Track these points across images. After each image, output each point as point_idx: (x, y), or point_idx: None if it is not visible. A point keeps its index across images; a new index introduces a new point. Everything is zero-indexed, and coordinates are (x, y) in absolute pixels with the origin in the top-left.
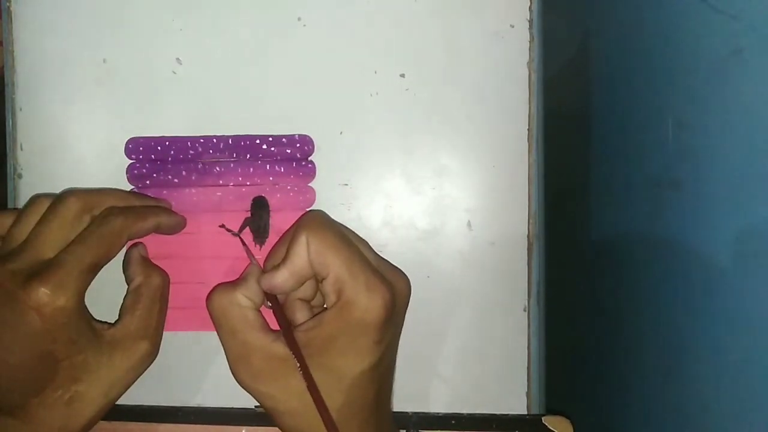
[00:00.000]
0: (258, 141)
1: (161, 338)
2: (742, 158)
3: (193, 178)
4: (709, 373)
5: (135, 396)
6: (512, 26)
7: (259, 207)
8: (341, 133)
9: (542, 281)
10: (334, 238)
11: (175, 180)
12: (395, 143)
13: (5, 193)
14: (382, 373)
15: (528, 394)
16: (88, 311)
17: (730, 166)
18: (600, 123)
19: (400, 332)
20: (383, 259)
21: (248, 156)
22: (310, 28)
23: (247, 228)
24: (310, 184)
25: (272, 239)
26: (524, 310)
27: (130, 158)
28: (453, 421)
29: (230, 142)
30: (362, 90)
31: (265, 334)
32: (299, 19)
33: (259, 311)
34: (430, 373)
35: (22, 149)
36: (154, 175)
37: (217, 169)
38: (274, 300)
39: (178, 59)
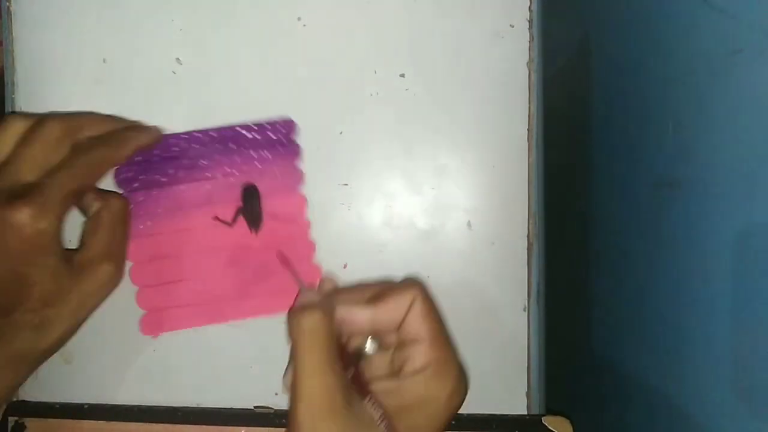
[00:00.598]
0: (240, 129)
1: (125, 261)
2: (742, 158)
3: (181, 174)
4: (709, 373)
5: (135, 396)
6: (512, 26)
7: (250, 194)
8: (341, 133)
9: (542, 281)
10: (439, 311)
11: (163, 179)
12: (395, 143)
13: None
14: None
15: (528, 394)
16: (62, 237)
17: (730, 166)
18: (600, 123)
19: None
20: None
21: (232, 146)
22: (310, 28)
23: (241, 216)
24: (296, 164)
25: (267, 223)
26: (524, 310)
27: None
28: (453, 421)
29: (213, 134)
30: (362, 90)
31: (344, 379)
32: (299, 19)
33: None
34: None
35: None
36: (141, 176)
37: (203, 162)
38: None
39: (178, 59)
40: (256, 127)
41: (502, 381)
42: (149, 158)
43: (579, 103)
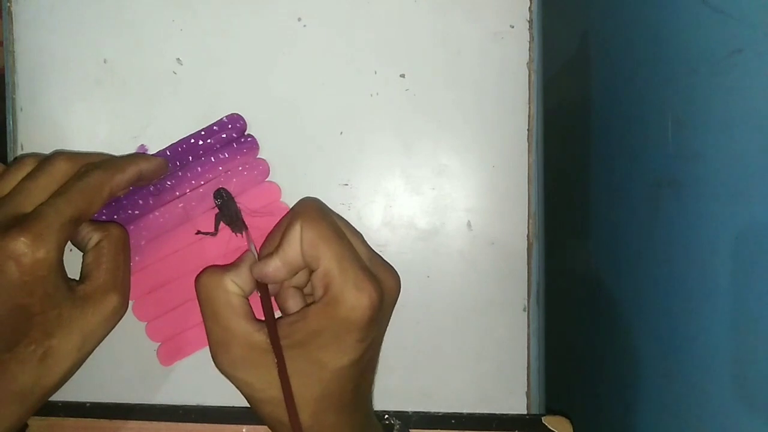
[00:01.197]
0: (193, 140)
1: (129, 291)
2: (742, 158)
3: (151, 201)
4: (709, 373)
5: (136, 395)
6: (512, 26)
7: (223, 198)
8: (341, 133)
9: (542, 281)
10: (327, 229)
11: (136, 212)
12: (395, 143)
13: None
14: (363, 369)
15: (528, 394)
16: (64, 267)
17: (730, 166)
18: (600, 123)
19: (385, 329)
20: (376, 254)
21: (191, 158)
22: (310, 28)
23: (222, 222)
24: (259, 156)
25: (248, 221)
26: (524, 310)
27: None
28: (453, 421)
29: (168, 153)
30: (362, 90)
31: (248, 322)
32: (299, 19)
33: (246, 299)
34: (430, 372)
35: (22, 149)
36: (115, 216)
37: (169, 183)
38: (263, 289)
39: (178, 59)
40: (205, 133)
41: (501, 381)
42: (117, 198)
43: (579, 103)
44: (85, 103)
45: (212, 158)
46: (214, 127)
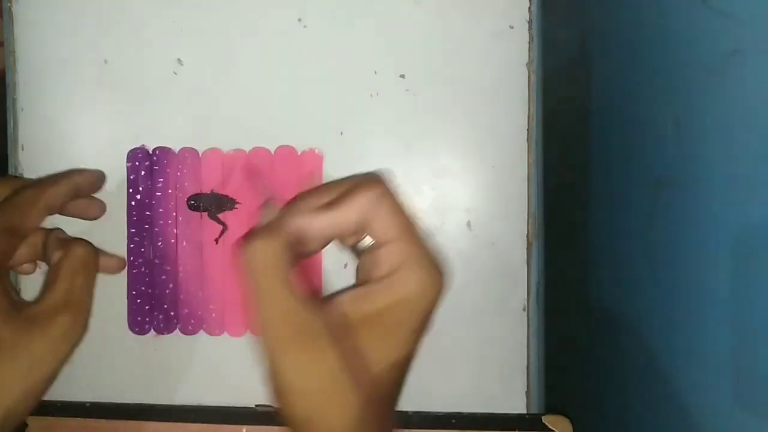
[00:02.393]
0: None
1: (89, 312)
2: (741, 158)
3: (153, 250)
4: (709, 373)
5: (135, 395)
6: (512, 27)
7: (197, 201)
8: (341, 133)
9: (541, 281)
10: (403, 206)
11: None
12: (395, 143)
13: None
14: (407, 369)
15: (527, 394)
16: (12, 286)
17: (729, 165)
18: (599, 123)
19: None
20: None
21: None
22: (310, 28)
23: (217, 219)
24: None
25: (229, 193)
26: (524, 310)
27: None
28: (453, 420)
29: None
30: (362, 90)
31: (302, 296)
32: (300, 19)
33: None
34: (429, 372)
35: (23, 150)
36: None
37: (156, 228)
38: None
39: (178, 60)
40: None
41: (501, 381)
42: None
43: (578, 103)
44: (85, 104)
45: (155, 198)
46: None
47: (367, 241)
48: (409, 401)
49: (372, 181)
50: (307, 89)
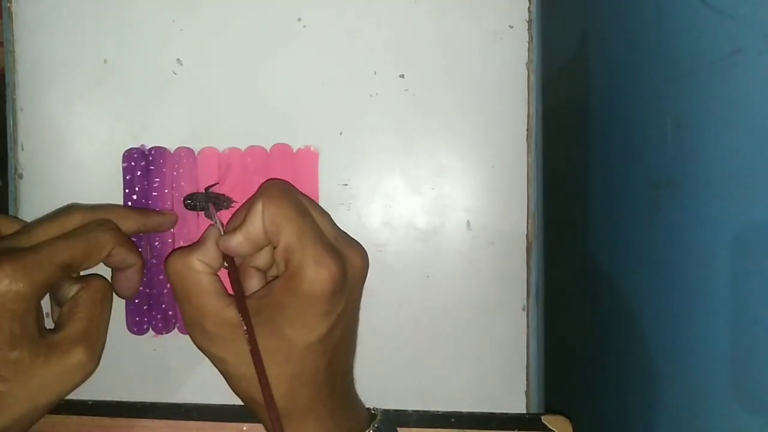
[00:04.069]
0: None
1: (102, 347)
2: (741, 158)
3: (153, 256)
4: (709, 373)
5: (137, 393)
6: (511, 27)
7: (194, 200)
8: (341, 133)
9: (541, 281)
10: (289, 206)
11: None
12: (395, 143)
13: (6, 193)
14: (334, 345)
15: (527, 394)
16: (42, 312)
17: (729, 166)
18: (599, 123)
19: (358, 307)
20: (343, 232)
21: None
22: (310, 28)
23: (216, 217)
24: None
25: (223, 190)
26: (523, 310)
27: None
28: (453, 420)
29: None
30: (362, 90)
31: (219, 299)
32: (299, 19)
33: (216, 276)
34: (429, 372)
35: (22, 149)
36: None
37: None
38: (231, 263)
39: (178, 60)
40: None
41: (501, 380)
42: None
43: (578, 103)
44: (85, 104)
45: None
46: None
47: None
48: (409, 400)
49: (259, 192)
50: (306, 89)
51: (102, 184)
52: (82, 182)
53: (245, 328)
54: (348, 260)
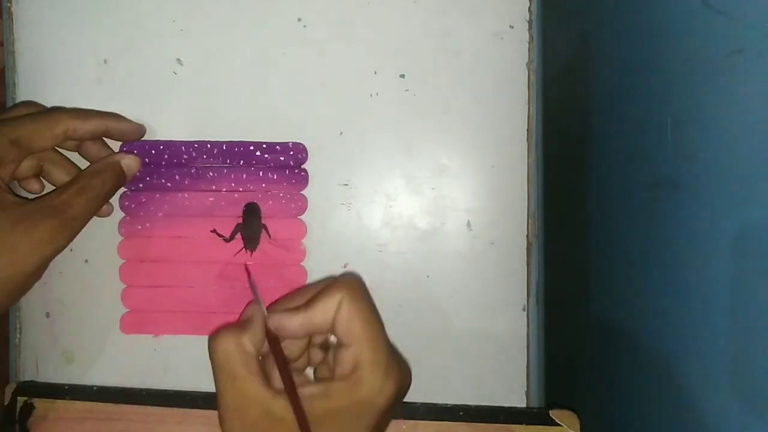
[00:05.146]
0: (252, 148)
1: (82, 223)
2: (741, 158)
3: (186, 182)
4: (709, 373)
5: (142, 379)
6: (512, 27)
7: (251, 214)
8: (341, 133)
9: (541, 281)
10: (368, 310)
11: (168, 184)
12: (395, 143)
13: None
14: None
15: (527, 393)
16: (9, 188)
17: (729, 166)
18: (599, 123)
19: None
20: (393, 345)
21: (241, 162)
22: (310, 28)
23: (239, 234)
24: (302, 192)
25: (263, 246)
26: (523, 310)
27: None
28: (461, 413)
29: (224, 147)
30: (362, 90)
31: (266, 387)
32: (299, 19)
33: (260, 360)
34: (429, 372)
35: None
36: (148, 178)
37: (210, 174)
38: (276, 346)
39: (178, 60)
40: (266, 147)
41: (501, 380)
42: (157, 161)
43: (578, 103)
44: (85, 103)
45: (260, 173)
46: (277, 147)
47: (332, 339)
48: (409, 400)
49: (341, 284)
50: (307, 89)
51: None
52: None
53: (301, 429)
54: (405, 377)
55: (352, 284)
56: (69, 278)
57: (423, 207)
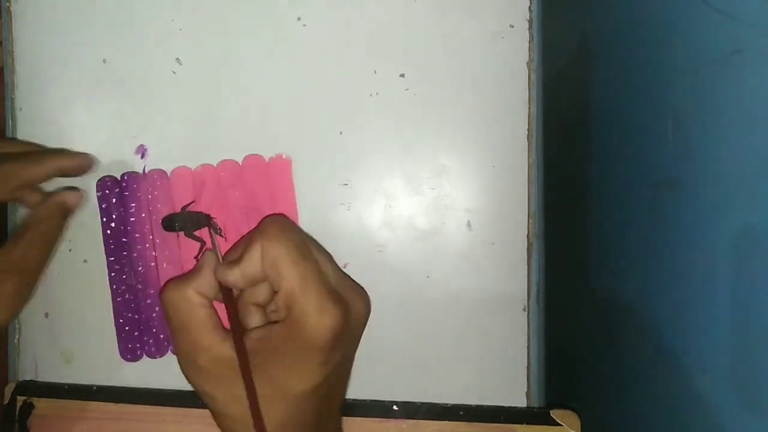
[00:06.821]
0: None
1: (42, 271)
2: (741, 158)
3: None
4: (709, 373)
5: (142, 379)
6: (512, 26)
7: (171, 222)
8: (341, 133)
9: (542, 281)
10: (290, 250)
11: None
12: (395, 143)
13: None
14: (326, 393)
15: (528, 393)
16: None
17: (729, 165)
18: (599, 123)
19: (355, 350)
20: (345, 274)
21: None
22: (310, 28)
23: (199, 230)
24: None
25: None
26: (524, 310)
27: None
28: (461, 413)
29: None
30: (362, 90)
31: (215, 333)
32: (299, 19)
33: (213, 308)
34: (429, 372)
35: None
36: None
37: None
38: (228, 295)
39: (177, 59)
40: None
41: (501, 381)
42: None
43: (579, 103)
44: (84, 103)
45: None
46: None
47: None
48: (409, 399)
49: (258, 233)
50: (306, 89)
51: None
52: (81, 181)
53: (241, 368)
54: (350, 307)
55: (267, 227)
56: (68, 278)
57: (423, 207)
